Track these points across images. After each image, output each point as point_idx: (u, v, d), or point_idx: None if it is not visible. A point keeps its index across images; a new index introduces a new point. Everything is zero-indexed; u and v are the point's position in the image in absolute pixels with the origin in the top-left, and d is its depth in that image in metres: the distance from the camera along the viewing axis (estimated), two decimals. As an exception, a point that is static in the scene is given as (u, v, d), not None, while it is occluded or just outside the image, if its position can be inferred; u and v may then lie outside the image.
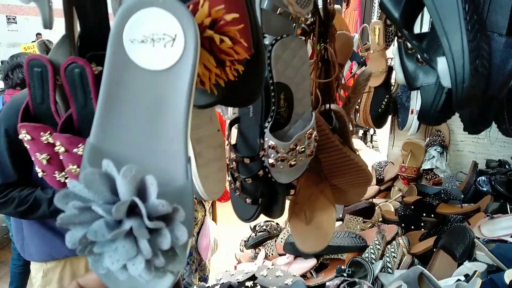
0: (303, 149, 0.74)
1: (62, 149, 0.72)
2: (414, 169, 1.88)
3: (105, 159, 0.33)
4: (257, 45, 0.53)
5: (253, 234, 1.78)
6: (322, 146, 0.85)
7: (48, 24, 0.66)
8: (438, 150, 1.82)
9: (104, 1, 0.61)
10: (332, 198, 0.95)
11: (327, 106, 0.87)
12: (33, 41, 6.95)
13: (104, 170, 0.33)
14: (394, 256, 1.29)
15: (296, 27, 0.77)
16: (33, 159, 0.69)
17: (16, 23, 8.91)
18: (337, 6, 1.56)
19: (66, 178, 0.68)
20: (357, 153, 0.94)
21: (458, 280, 1.01)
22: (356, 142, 5.24)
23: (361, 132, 5.66)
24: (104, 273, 0.34)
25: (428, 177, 1.88)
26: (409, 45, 0.64)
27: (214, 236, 2.18)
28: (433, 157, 1.82)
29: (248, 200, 0.80)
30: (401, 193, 1.89)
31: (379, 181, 2.08)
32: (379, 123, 1.90)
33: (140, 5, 0.37)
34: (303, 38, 0.78)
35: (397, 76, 0.70)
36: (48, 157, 0.68)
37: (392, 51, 0.90)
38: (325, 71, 0.91)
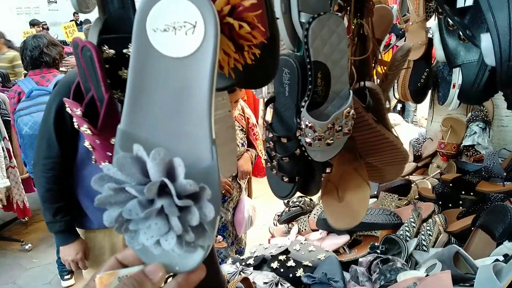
0: (340, 128, 0.74)
1: (88, 132, 0.78)
2: (454, 145, 1.82)
3: (135, 143, 0.35)
4: (272, 29, 0.54)
5: (287, 209, 1.80)
6: (355, 124, 0.84)
7: (77, 9, 0.69)
8: (481, 126, 1.75)
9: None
10: (366, 176, 0.94)
11: (362, 83, 0.85)
12: (71, 20, 7.14)
13: (135, 154, 0.35)
14: (429, 234, 1.27)
15: (333, 3, 0.74)
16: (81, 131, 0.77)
17: (56, 2, 9.17)
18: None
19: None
20: (394, 130, 0.92)
21: (497, 260, 0.99)
22: (394, 116, 5.09)
23: (399, 106, 5.48)
24: (139, 248, 0.37)
25: (468, 154, 1.81)
26: (450, 21, 0.61)
27: (249, 212, 2.23)
28: (475, 133, 1.74)
29: (285, 179, 0.81)
30: (439, 170, 1.84)
31: (417, 158, 2.02)
32: (418, 98, 1.84)
33: None
34: (340, 14, 0.76)
35: (437, 53, 0.67)
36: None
37: (431, 28, 0.86)
38: (361, 47, 0.88)
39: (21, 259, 3.19)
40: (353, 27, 0.84)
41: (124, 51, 0.85)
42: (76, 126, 0.95)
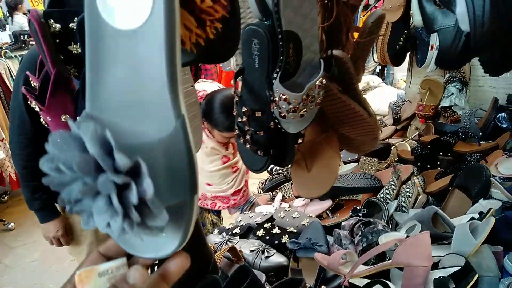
0: (313, 98, 0.73)
1: (37, 108, 0.78)
2: (432, 107, 1.85)
3: (73, 123, 0.33)
4: (233, 2, 0.53)
5: (270, 177, 1.82)
6: (320, 94, 0.82)
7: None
8: (458, 87, 1.77)
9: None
10: (337, 147, 0.94)
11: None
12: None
13: (73, 132, 0.33)
14: (409, 196, 1.31)
15: None
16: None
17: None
18: None
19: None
20: (365, 98, 0.91)
21: (472, 218, 1.03)
22: (374, 79, 5.10)
23: (378, 68, 5.48)
24: (117, 237, 0.36)
25: (446, 115, 1.84)
26: (426, -15, 0.60)
27: None
28: (452, 94, 1.77)
29: (260, 153, 0.80)
30: (418, 132, 1.87)
31: (396, 121, 2.05)
32: (397, 61, 1.84)
33: None
34: None
35: (415, 18, 0.66)
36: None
37: None
38: (331, 12, 0.85)
39: (4, 238, 3.17)
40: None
41: (71, 25, 0.81)
42: (28, 102, 0.92)
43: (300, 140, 0.92)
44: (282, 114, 0.73)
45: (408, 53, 1.83)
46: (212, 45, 0.49)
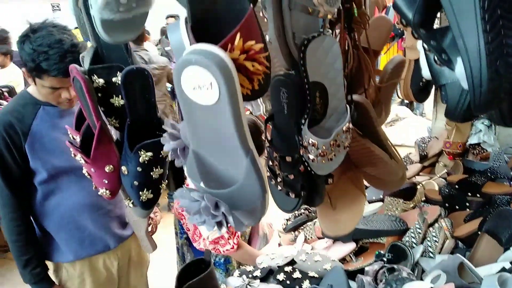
0: (341, 143, 0.74)
1: (82, 161, 0.94)
2: (460, 144, 1.79)
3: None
4: (269, 60, 0.62)
5: (293, 217, 1.80)
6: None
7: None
8: (486, 123, 1.72)
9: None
10: (362, 185, 0.95)
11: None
12: (76, 27, 7.22)
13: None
14: (435, 240, 1.26)
15: (325, 22, 0.75)
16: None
17: (60, 10, 9.25)
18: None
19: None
20: (390, 144, 0.91)
21: (503, 268, 0.98)
22: (403, 110, 5.02)
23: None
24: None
25: (475, 152, 1.78)
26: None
27: (264, 230, 2.20)
28: (480, 130, 1.71)
29: (292, 194, 0.81)
30: (446, 170, 1.81)
31: (423, 157, 2.00)
32: (421, 97, 1.81)
33: (183, 65, 0.55)
34: (330, 31, 0.76)
35: (423, 71, 0.66)
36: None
37: (417, 46, 0.84)
38: (352, 60, 0.87)
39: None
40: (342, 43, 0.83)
41: (113, 79, 0.86)
42: (72, 155, 0.95)
43: (330, 181, 0.93)
44: (312, 159, 0.76)
45: (433, 89, 1.80)
46: (255, 91, 0.61)
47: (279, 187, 0.83)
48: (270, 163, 0.82)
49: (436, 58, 0.57)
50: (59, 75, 1.26)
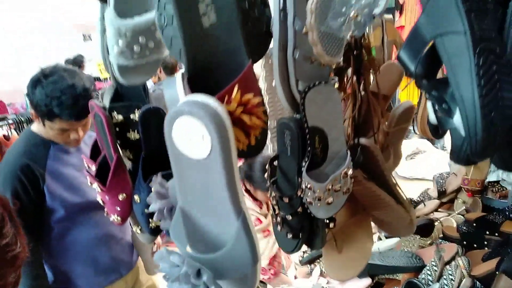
0: (339, 188, 0.76)
1: (98, 189, 0.98)
2: (478, 181, 1.78)
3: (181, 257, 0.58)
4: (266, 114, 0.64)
5: (309, 250, 1.80)
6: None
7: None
8: (505, 161, 1.71)
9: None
10: (370, 229, 0.95)
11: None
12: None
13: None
14: (451, 279, 1.25)
15: (330, 70, 0.79)
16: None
17: (91, 40, 9.67)
18: (388, 16, 1.52)
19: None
20: (399, 188, 0.92)
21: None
22: (423, 143, 4.96)
23: (428, 132, 5.33)
24: None
25: (494, 190, 1.77)
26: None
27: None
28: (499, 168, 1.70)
29: (289, 235, 0.84)
30: (464, 207, 1.80)
31: (441, 193, 1.99)
32: (438, 134, 1.82)
33: (175, 116, 0.52)
34: (336, 79, 0.80)
35: (430, 116, 0.70)
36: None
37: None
38: (361, 102, 0.91)
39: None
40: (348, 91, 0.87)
41: (131, 116, 0.94)
42: (89, 184, 1.03)
43: (331, 225, 0.94)
44: (309, 201, 0.78)
45: (450, 126, 1.81)
46: (251, 147, 0.61)
47: (278, 227, 0.85)
48: (272, 202, 0.84)
49: (437, 107, 0.60)
50: (71, 119, 1.29)
